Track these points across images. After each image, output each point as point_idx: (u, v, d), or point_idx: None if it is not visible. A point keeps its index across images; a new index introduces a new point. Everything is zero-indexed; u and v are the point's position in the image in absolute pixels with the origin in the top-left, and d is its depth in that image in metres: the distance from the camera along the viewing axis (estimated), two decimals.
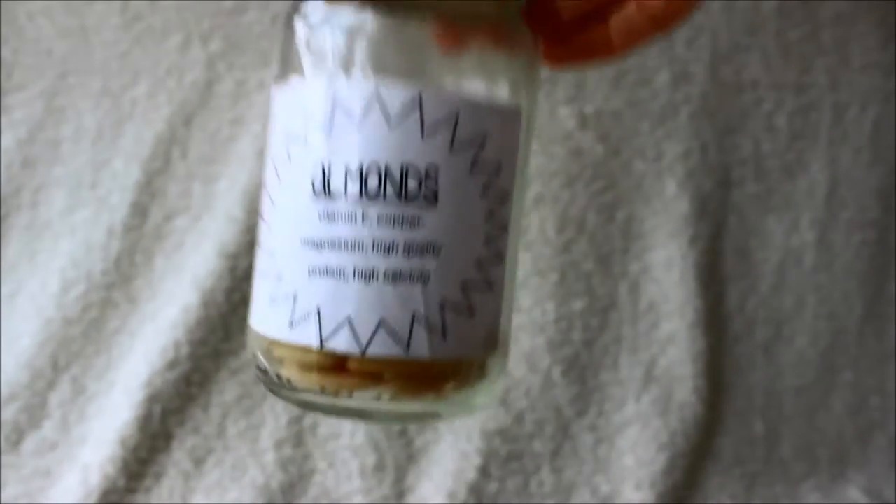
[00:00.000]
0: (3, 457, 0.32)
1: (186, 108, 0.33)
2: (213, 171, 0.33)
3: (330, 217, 0.20)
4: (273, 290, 0.21)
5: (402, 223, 0.20)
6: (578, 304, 0.33)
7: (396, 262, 0.20)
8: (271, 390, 0.23)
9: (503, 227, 0.22)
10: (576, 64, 0.24)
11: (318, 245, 0.20)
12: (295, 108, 0.21)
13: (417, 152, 0.20)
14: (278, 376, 0.22)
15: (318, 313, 0.20)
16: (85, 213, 0.33)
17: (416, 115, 0.20)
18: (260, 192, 0.23)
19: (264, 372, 0.22)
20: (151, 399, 0.32)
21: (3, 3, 0.33)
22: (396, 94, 0.20)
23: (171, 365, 0.32)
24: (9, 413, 0.32)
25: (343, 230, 0.20)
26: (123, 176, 0.33)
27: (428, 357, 0.20)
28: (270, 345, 0.22)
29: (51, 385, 0.33)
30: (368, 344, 0.20)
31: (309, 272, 0.20)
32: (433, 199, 0.20)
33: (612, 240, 0.34)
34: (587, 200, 0.33)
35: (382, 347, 0.20)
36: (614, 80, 0.33)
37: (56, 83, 0.33)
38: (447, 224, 0.20)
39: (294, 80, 0.22)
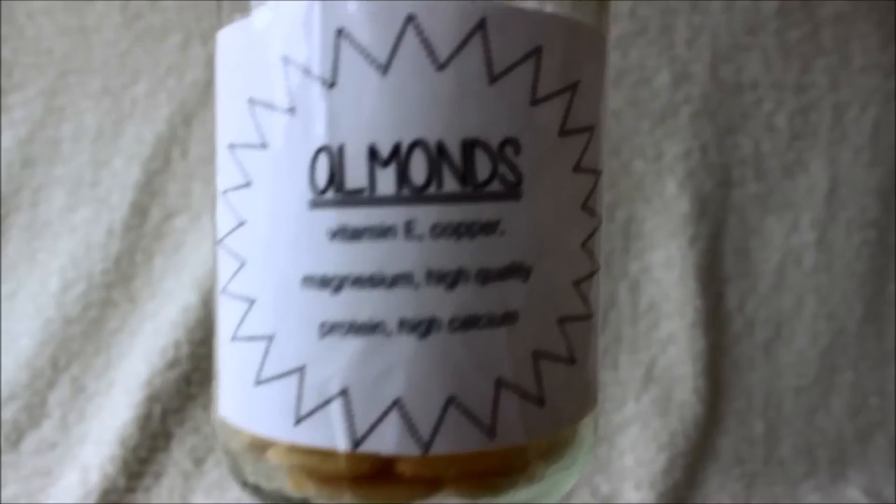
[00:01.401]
0: (3, 456, 0.32)
1: (186, 108, 0.33)
2: (213, 171, 0.33)
3: (348, 233, 0.12)
4: (261, 362, 0.13)
5: (471, 231, 0.13)
6: None
7: (467, 297, 0.13)
8: None
9: (597, 219, 0.15)
10: None
11: (332, 284, 0.13)
12: (265, 56, 0.13)
13: (485, 110, 0.12)
14: (283, 497, 0.14)
15: (346, 397, 0.13)
16: (85, 213, 0.33)
17: (480, 49, 0.12)
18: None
19: (254, 488, 0.15)
20: (151, 398, 0.32)
21: (3, 2, 0.33)
22: (446, 17, 0.12)
23: (171, 364, 0.32)
24: (9, 413, 0.32)
25: (374, 253, 0.12)
26: (123, 175, 0.33)
27: (523, 440, 0.13)
28: (262, 446, 0.14)
29: (50, 384, 0.33)
30: (433, 436, 0.13)
31: (321, 331, 0.13)
32: (515, 185, 0.13)
33: (612, 240, 0.34)
34: None
35: (455, 439, 0.13)
36: (614, 80, 0.33)
37: (56, 82, 0.33)
38: (538, 225, 0.13)
39: (259, 12, 0.13)
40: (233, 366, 0.14)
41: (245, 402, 0.14)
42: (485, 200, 0.13)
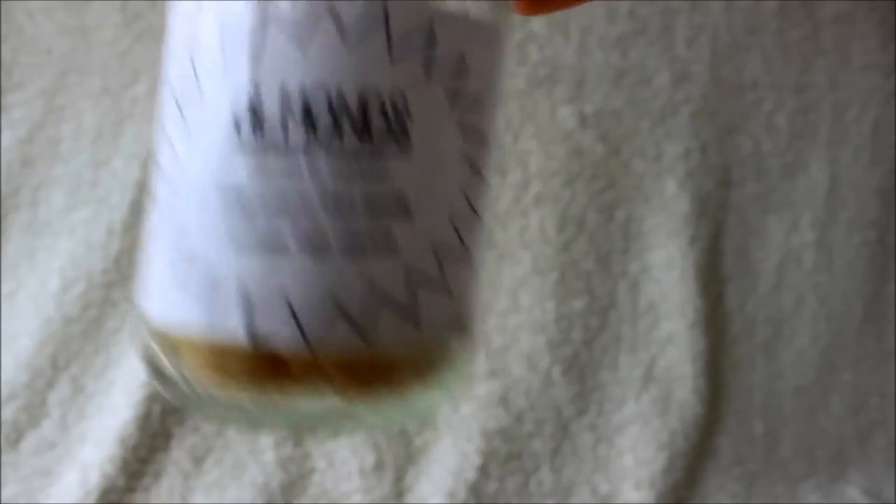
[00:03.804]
0: (3, 456, 0.32)
1: None
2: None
3: (263, 170, 0.15)
4: (183, 271, 0.16)
5: (363, 174, 0.15)
6: (578, 304, 0.33)
7: (355, 226, 0.15)
8: (178, 402, 0.18)
9: (481, 177, 0.18)
10: (551, 7, 0.21)
11: (248, 205, 0.16)
12: (206, 20, 0.16)
13: (383, 76, 0.15)
14: (187, 383, 0.17)
15: (248, 298, 0.15)
16: (85, 213, 0.33)
17: (382, 29, 0.15)
18: (163, 139, 0.19)
19: (165, 377, 0.17)
20: (151, 398, 0.32)
21: (2, 2, 0.33)
22: (355, 4, 0.15)
23: None
24: (8, 412, 0.32)
25: (282, 186, 0.15)
26: (123, 175, 0.33)
27: (397, 348, 0.16)
28: (174, 340, 0.17)
29: (50, 384, 0.33)
30: (318, 336, 0.15)
31: (236, 246, 0.16)
32: (404, 139, 0.16)
33: (612, 239, 0.34)
34: (587, 200, 0.33)
35: (337, 340, 0.16)
36: (614, 79, 0.33)
37: (56, 82, 0.33)
38: (420, 173, 0.16)
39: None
40: (157, 271, 0.17)
41: (165, 300, 0.17)
42: (376, 147, 0.15)
